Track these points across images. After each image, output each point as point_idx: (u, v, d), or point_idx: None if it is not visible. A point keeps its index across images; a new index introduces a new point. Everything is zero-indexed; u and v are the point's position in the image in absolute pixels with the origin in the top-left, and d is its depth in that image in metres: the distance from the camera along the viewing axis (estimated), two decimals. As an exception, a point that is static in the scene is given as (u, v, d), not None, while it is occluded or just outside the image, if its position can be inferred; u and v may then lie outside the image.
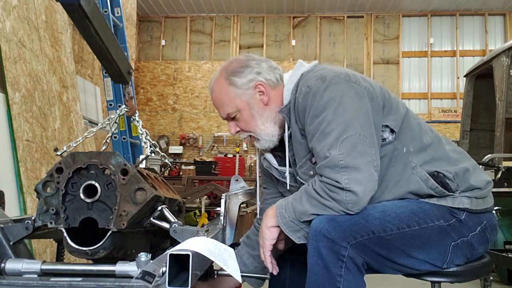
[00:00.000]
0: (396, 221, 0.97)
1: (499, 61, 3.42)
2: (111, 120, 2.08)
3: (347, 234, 0.92)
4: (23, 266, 0.91)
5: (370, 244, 0.95)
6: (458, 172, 1.04)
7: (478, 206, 1.06)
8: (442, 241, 1.01)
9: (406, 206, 1.01)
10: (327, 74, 1.04)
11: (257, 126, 1.12)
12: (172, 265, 0.73)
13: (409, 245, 0.98)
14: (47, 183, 0.98)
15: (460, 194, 1.04)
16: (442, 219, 1.01)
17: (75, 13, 1.59)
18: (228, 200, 1.13)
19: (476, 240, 1.05)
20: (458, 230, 1.02)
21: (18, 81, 2.44)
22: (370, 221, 0.95)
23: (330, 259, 0.91)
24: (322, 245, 0.92)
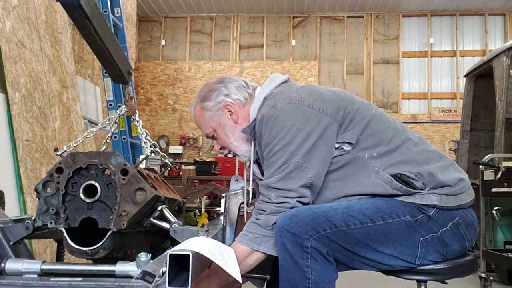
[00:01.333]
0: (360, 216, 1.00)
1: (499, 61, 3.42)
2: (111, 120, 2.08)
3: (309, 228, 0.97)
4: (23, 266, 0.91)
5: (333, 237, 0.98)
6: (421, 172, 1.06)
7: (449, 203, 1.06)
8: (410, 236, 1.02)
9: (372, 202, 1.04)
10: (278, 102, 1.11)
11: (231, 143, 1.24)
12: (172, 265, 0.73)
13: (374, 239, 1.01)
14: (47, 183, 0.98)
15: (428, 191, 1.05)
16: (408, 215, 1.03)
17: (75, 13, 1.59)
18: (228, 200, 1.13)
19: (448, 236, 1.06)
20: (426, 225, 1.04)
21: (18, 81, 2.44)
22: (333, 216, 0.99)
23: (296, 251, 0.96)
24: (287, 239, 0.96)
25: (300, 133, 1.05)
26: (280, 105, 1.10)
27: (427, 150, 1.13)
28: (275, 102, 1.11)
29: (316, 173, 1.05)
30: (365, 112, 1.13)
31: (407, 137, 1.13)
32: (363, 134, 1.09)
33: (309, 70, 8.60)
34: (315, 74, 8.59)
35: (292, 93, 1.13)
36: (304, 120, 1.07)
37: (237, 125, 1.21)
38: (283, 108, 1.09)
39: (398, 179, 1.04)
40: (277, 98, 1.13)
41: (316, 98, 1.11)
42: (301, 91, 1.15)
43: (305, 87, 1.18)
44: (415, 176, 1.05)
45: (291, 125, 1.06)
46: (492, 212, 2.98)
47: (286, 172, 1.03)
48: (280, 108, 1.09)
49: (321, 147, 1.05)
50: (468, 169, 3.88)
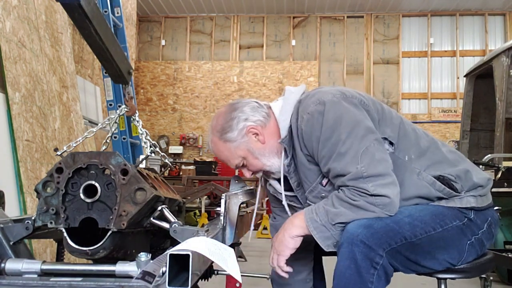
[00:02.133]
0: (423, 224, 1.01)
1: (499, 61, 3.42)
2: (111, 120, 2.08)
3: (383, 241, 0.96)
4: (23, 266, 0.91)
5: (402, 249, 0.98)
6: (459, 174, 1.09)
7: (483, 203, 1.09)
8: (460, 240, 1.05)
9: (425, 209, 1.05)
10: (324, 98, 1.09)
11: (264, 165, 1.18)
12: (172, 265, 0.73)
13: (435, 247, 1.02)
14: (47, 183, 0.98)
15: (465, 194, 1.08)
16: (457, 219, 1.05)
17: (75, 13, 1.59)
18: (228, 200, 1.13)
19: (485, 236, 1.09)
20: (470, 228, 1.07)
21: (18, 81, 2.44)
22: (403, 227, 0.99)
23: (364, 265, 0.94)
24: (358, 250, 0.94)
25: (358, 117, 1.05)
26: (325, 98, 1.08)
27: (452, 151, 1.16)
28: (319, 98, 1.09)
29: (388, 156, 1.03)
30: (395, 113, 1.17)
31: (431, 139, 1.16)
32: (399, 135, 1.10)
33: (309, 70, 8.60)
34: (315, 74, 8.59)
35: (331, 90, 1.12)
36: (354, 108, 1.07)
37: (265, 145, 1.17)
38: (330, 101, 1.07)
39: (441, 181, 1.06)
40: (319, 96, 1.10)
41: (355, 93, 1.13)
42: (337, 88, 1.14)
43: (338, 87, 1.18)
44: (454, 179, 1.07)
45: (345, 112, 1.05)
46: (492, 212, 2.97)
47: (370, 157, 0.99)
48: (328, 101, 1.07)
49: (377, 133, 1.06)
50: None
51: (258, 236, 5.39)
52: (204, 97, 8.80)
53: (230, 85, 8.76)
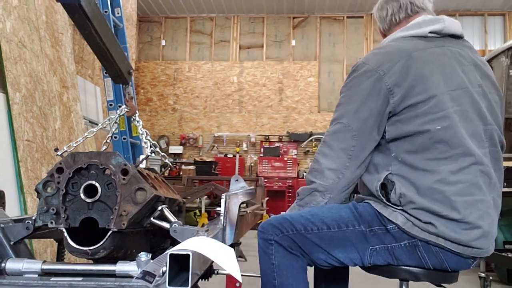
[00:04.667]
0: (319, 222, 1.12)
1: (499, 61, 3.42)
2: (111, 120, 2.08)
3: (275, 229, 1.15)
4: (24, 266, 0.91)
5: (294, 238, 1.13)
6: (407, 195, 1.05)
7: (413, 230, 1.05)
8: (360, 244, 1.11)
9: (338, 211, 1.14)
10: (369, 62, 1.13)
11: None
12: (172, 265, 0.73)
13: (327, 244, 1.12)
14: (48, 183, 0.98)
15: (399, 210, 1.07)
16: (364, 225, 1.11)
17: (75, 14, 1.59)
18: (228, 200, 1.13)
19: (400, 252, 1.08)
20: (379, 237, 1.10)
21: (18, 81, 2.45)
22: (296, 221, 1.13)
23: (263, 244, 1.16)
24: (259, 237, 1.17)
25: (361, 99, 1.11)
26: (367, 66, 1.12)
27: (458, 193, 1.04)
28: (368, 59, 1.15)
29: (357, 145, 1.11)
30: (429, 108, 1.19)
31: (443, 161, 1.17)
32: (410, 138, 1.11)
33: (309, 70, 8.60)
34: (315, 74, 8.59)
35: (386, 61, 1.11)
36: (375, 93, 1.10)
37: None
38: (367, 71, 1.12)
39: (384, 184, 1.09)
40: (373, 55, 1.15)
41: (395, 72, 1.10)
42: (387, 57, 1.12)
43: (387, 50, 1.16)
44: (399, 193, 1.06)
45: (361, 89, 1.11)
46: (492, 212, 2.97)
47: (336, 129, 1.13)
48: (366, 70, 1.12)
49: (374, 123, 1.11)
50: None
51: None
52: (204, 97, 8.80)
53: (230, 85, 8.76)
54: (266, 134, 8.38)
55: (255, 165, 8.29)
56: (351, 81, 1.16)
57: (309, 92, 8.55)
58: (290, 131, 8.39)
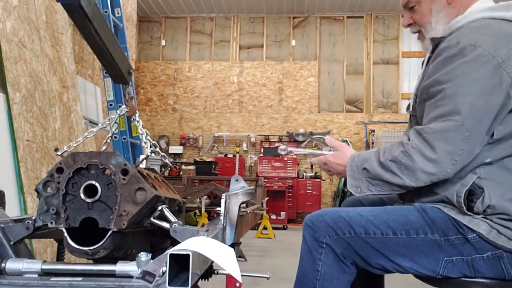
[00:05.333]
0: (383, 225, 0.99)
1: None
2: (111, 120, 2.08)
3: (329, 229, 1.01)
4: (24, 266, 0.91)
5: (351, 242, 1.00)
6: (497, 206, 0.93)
7: (499, 240, 0.94)
8: (432, 254, 0.98)
9: (404, 214, 1.00)
10: (483, 45, 0.93)
11: (429, 23, 1.10)
12: (172, 265, 0.73)
13: (392, 251, 0.99)
14: (48, 183, 0.98)
15: (481, 217, 0.95)
16: (438, 233, 0.97)
17: (75, 14, 1.59)
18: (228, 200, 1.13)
19: (481, 264, 0.96)
20: (457, 248, 0.96)
21: (18, 81, 2.45)
22: (355, 222, 1.00)
23: (312, 244, 1.02)
24: (307, 233, 1.03)
25: (480, 92, 0.91)
26: (482, 50, 0.92)
27: None
28: (479, 41, 0.93)
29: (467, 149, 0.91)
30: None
31: None
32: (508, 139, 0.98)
33: (309, 70, 8.60)
34: (315, 74, 8.59)
35: (502, 45, 0.93)
36: (493, 83, 0.91)
37: (448, 6, 1.06)
38: (483, 56, 0.92)
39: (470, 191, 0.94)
40: (484, 37, 0.94)
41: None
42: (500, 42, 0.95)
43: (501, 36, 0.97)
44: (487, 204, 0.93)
45: (478, 78, 0.91)
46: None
47: (444, 128, 0.91)
48: (480, 53, 0.92)
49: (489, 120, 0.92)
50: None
51: (258, 236, 5.39)
52: (204, 97, 8.81)
53: (230, 85, 8.76)
54: (266, 134, 8.38)
55: (255, 165, 8.30)
56: (456, 68, 0.94)
57: (309, 92, 8.55)
58: (290, 131, 8.39)
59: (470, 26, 1.00)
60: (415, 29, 1.16)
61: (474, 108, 0.91)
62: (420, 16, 1.12)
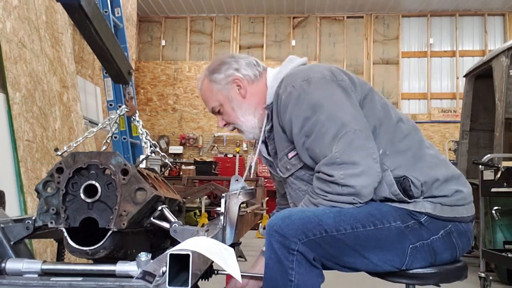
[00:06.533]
0: (351, 220, 0.98)
1: (499, 61, 3.42)
2: (111, 120, 2.08)
3: (299, 232, 0.95)
4: (24, 266, 0.91)
5: (322, 242, 0.97)
6: (427, 181, 1.03)
7: (443, 213, 1.03)
8: (399, 243, 1.00)
9: (364, 207, 1.01)
10: (312, 76, 1.08)
11: (237, 119, 1.22)
12: (172, 265, 0.73)
13: (363, 245, 0.99)
14: (48, 183, 0.98)
15: (423, 199, 1.03)
16: (399, 220, 1.00)
17: (75, 14, 1.60)
18: (228, 200, 1.13)
19: (438, 244, 1.03)
20: (417, 232, 1.01)
21: (18, 81, 2.45)
22: (324, 220, 0.97)
23: (282, 253, 0.95)
24: (274, 240, 0.96)
25: (344, 102, 1.03)
26: (314, 77, 1.07)
27: (436, 157, 1.11)
28: (308, 75, 1.08)
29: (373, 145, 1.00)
30: (383, 107, 1.12)
31: (419, 139, 1.12)
32: (379, 128, 1.07)
33: (309, 70, 8.61)
34: (315, 74, 8.60)
35: (324, 70, 1.10)
36: (342, 92, 1.05)
37: (244, 100, 1.20)
38: (318, 81, 1.06)
39: (399, 184, 1.02)
40: (307, 72, 1.09)
41: (344, 76, 1.10)
42: (328, 68, 1.12)
43: (331, 66, 1.15)
44: (420, 185, 1.02)
45: (331, 95, 1.03)
46: (491, 212, 2.98)
47: (347, 142, 0.97)
48: (315, 81, 1.06)
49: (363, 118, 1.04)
50: (467, 169, 3.88)
51: (257, 236, 5.39)
52: (204, 97, 8.80)
53: (230, 85, 8.77)
54: (266, 134, 8.38)
55: (255, 165, 8.29)
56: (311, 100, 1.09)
57: (309, 92, 8.56)
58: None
59: (287, 77, 1.13)
60: (231, 127, 1.26)
61: (348, 114, 1.01)
62: (228, 116, 1.24)
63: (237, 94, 1.20)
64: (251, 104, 1.20)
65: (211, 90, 1.22)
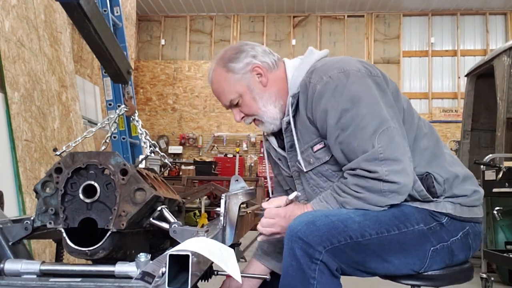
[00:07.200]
0: (376, 225, 0.96)
1: (500, 61, 3.41)
2: (110, 120, 2.08)
3: (324, 239, 0.92)
4: (22, 266, 0.91)
5: (346, 249, 0.94)
6: (449, 178, 1.03)
7: (463, 213, 1.04)
8: (421, 246, 1.00)
9: (389, 212, 1.00)
10: (349, 69, 1.04)
11: (259, 109, 1.14)
12: (172, 265, 0.72)
13: (387, 250, 0.97)
14: (46, 183, 0.97)
15: (444, 199, 1.03)
16: (422, 223, 1.00)
17: (74, 13, 1.59)
18: (228, 200, 1.12)
19: (456, 245, 1.04)
20: (438, 234, 1.01)
21: (17, 81, 2.44)
22: (350, 225, 0.94)
23: (304, 261, 0.91)
24: (297, 246, 0.92)
25: (381, 98, 1.01)
26: (352, 71, 1.03)
27: (452, 156, 1.13)
28: (344, 68, 1.04)
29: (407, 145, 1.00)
30: (408, 103, 1.12)
31: (437, 138, 1.12)
32: (404, 126, 1.06)
33: (309, 69, 8.61)
34: (315, 73, 8.60)
35: (357, 63, 1.07)
36: (377, 88, 1.03)
37: (266, 89, 1.12)
38: (356, 75, 1.02)
39: (424, 180, 1.01)
40: (343, 64, 1.05)
41: (379, 72, 1.08)
42: (363, 62, 1.09)
43: (363, 60, 1.12)
44: (443, 181, 1.02)
45: (369, 90, 1.01)
46: (493, 212, 2.97)
47: (389, 138, 0.95)
48: (353, 74, 1.02)
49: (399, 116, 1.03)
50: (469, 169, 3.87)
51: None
52: (204, 97, 8.80)
53: (230, 85, 8.77)
54: (266, 134, 8.38)
55: (255, 165, 8.29)
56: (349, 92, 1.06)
57: (309, 92, 8.57)
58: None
59: (320, 67, 1.08)
60: (249, 119, 1.18)
61: (386, 111, 0.99)
62: (248, 108, 1.15)
63: (258, 83, 1.12)
64: (272, 93, 1.13)
65: (228, 80, 1.12)
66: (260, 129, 1.23)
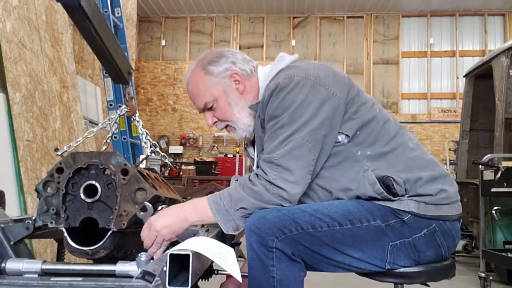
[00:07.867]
0: (327, 219, 0.99)
1: (499, 61, 3.42)
2: (111, 120, 2.08)
3: (275, 230, 0.96)
4: (24, 266, 0.91)
5: (299, 239, 0.97)
6: (410, 179, 1.04)
7: (427, 212, 1.04)
8: (378, 241, 1.01)
9: (343, 206, 1.02)
10: (296, 75, 1.06)
11: (233, 115, 1.16)
12: (172, 265, 0.73)
13: (341, 242, 0.99)
14: (48, 183, 0.98)
15: (408, 198, 1.04)
16: (380, 219, 1.01)
17: (75, 14, 1.59)
18: (228, 200, 1.13)
19: (420, 242, 1.04)
20: (398, 231, 1.02)
21: (18, 81, 2.45)
22: (300, 218, 0.98)
23: (261, 252, 0.96)
24: (253, 240, 0.96)
25: (311, 110, 1.02)
26: (296, 77, 1.05)
27: (422, 158, 1.11)
28: (292, 74, 1.07)
29: (315, 158, 1.02)
30: (370, 108, 1.11)
31: (404, 142, 1.11)
32: (362, 130, 1.07)
33: (309, 70, 8.62)
34: (315, 74, 8.61)
35: (310, 69, 1.08)
36: (317, 99, 1.03)
37: (242, 96, 1.15)
38: (299, 81, 1.05)
39: (381, 183, 1.03)
40: (294, 70, 1.08)
41: (332, 80, 1.08)
42: (319, 69, 1.10)
43: (323, 66, 1.13)
44: (403, 182, 1.03)
45: (303, 100, 1.03)
46: (491, 212, 2.98)
47: (290, 149, 0.99)
48: (296, 81, 1.05)
49: (327, 129, 1.03)
50: (467, 169, 3.88)
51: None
52: (204, 97, 8.81)
53: (230, 85, 8.78)
54: (266, 134, 8.39)
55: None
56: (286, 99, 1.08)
57: (309, 92, 8.57)
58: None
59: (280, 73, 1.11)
60: (222, 124, 1.20)
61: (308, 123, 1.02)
62: (222, 113, 1.17)
63: (235, 90, 1.15)
64: (248, 101, 1.16)
65: (205, 83, 1.13)
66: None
